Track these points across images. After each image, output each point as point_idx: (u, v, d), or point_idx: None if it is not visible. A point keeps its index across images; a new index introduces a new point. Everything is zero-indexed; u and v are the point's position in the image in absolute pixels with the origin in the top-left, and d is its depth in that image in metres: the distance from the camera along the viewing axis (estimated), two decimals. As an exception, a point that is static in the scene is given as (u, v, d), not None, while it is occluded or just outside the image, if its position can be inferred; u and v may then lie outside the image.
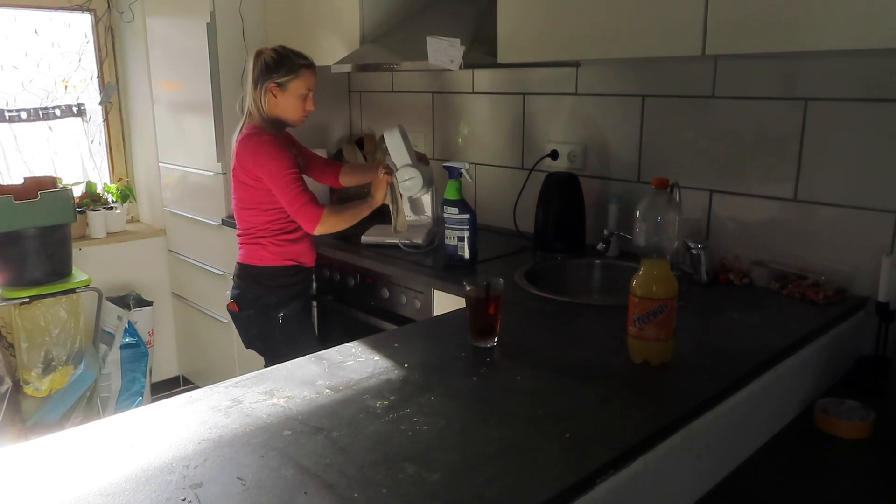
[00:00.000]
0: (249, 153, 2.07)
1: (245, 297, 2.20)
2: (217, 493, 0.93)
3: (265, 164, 2.06)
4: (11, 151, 3.28)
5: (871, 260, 1.70)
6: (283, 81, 2.10)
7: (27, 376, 2.76)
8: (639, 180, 2.19)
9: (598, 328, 1.56)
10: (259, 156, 2.06)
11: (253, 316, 2.20)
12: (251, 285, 2.19)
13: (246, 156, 2.08)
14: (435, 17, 2.40)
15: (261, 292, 2.18)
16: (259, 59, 2.12)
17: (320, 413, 1.15)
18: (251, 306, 2.20)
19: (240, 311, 2.21)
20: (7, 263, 2.70)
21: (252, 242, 2.17)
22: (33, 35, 3.28)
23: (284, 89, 2.11)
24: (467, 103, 2.72)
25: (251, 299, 2.19)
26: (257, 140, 2.08)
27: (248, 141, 2.09)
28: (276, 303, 2.19)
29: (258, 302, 2.19)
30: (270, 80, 2.10)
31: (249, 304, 2.20)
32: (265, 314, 2.19)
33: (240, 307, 2.21)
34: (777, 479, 1.29)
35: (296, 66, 2.12)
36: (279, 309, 2.19)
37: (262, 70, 2.10)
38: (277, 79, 2.10)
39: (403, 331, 1.63)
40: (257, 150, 2.06)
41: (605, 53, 1.76)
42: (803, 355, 1.49)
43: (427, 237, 2.31)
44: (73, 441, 1.09)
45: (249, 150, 2.07)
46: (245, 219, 2.18)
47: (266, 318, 2.19)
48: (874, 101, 1.67)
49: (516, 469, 0.98)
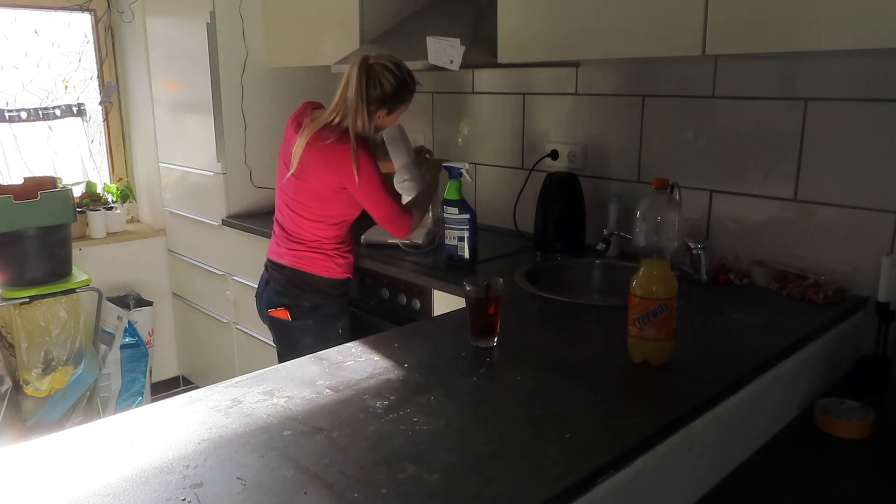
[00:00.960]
0: (333, 164, 1.95)
1: (301, 305, 2.09)
2: (217, 493, 0.93)
3: (354, 179, 1.93)
4: (11, 151, 3.28)
5: (871, 260, 1.70)
6: (392, 108, 1.99)
7: (27, 376, 2.76)
8: (639, 180, 2.19)
9: (598, 328, 1.56)
10: (347, 167, 1.93)
11: (311, 326, 2.10)
12: (311, 294, 2.08)
13: (329, 166, 1.96)
14: (435, 17, 2.40)
15: (321, 301, 2.09)
16: (372, 76, 1.93)
17: (320, 413, 1.15)
18: (309, 316, 2.09)
19: (294, 321, 2.10)
20: (7, 263, 2.70)
21: (317, 251, 2.07)
22: (33, 35, 3.28)
23: (391, 114, 2.01)
24: (467, 103, 2.72)
25: (308, 308, 2.09)
26: (344, 151, 1.94)
27: (332, 151, 1.95)
28: (336, 313, 2.12)
29: (317, 312, 2.09)
30: (384, 108, 1.97)
31: (306, 313, 2.09)
32: (325, 325, 2.10)
33: (294, 317, 2.09)
34: (777, 479, 1.29)
35: (410, 95, 2.00)
36: (339, 319, 2.13)
37: (379, 94, 1.94)
38: (391, 107, 1.98)
39: (403, 331, 1.63)
40: (344, 161, 1.93)
41: (605, 53, 1.76)
42: (803, 355, 1.49)
43: (427, 237, 2.31)
44: (73, 441, 1.09)
45: (334, 162, 1.95)
46: (308, 229, 2.07)
47: (326, 329, 2.10)
48: (874, 101, 1.67)
49: (516, 469, 0.98)
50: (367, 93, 1.93)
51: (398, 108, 2.01)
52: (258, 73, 2.94)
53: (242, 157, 2.96)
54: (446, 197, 2.11)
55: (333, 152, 1.95)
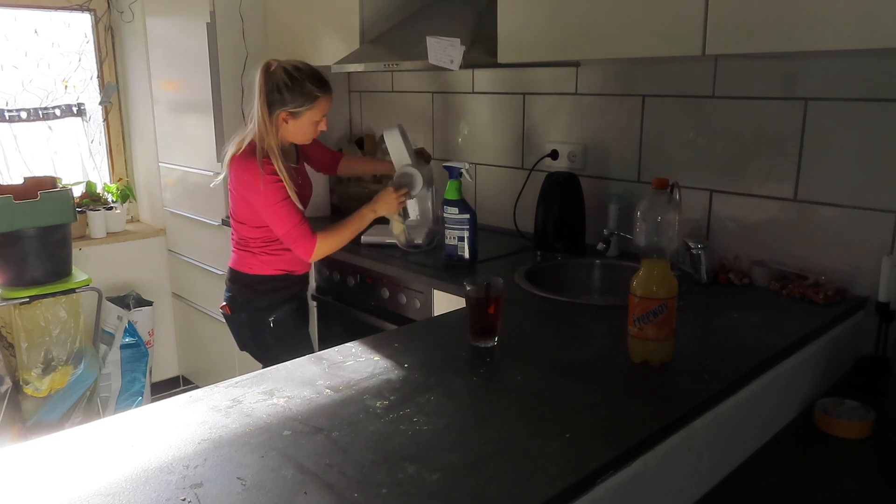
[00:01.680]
0: (243, 179, 1.98)
1: (236, 300, 2.18)
2: (217, 493, 0.93)
3: (256, 191, 1.97)
4: (11, 151, 3.28)
5: (871, 260, 1.70)
6: (297, 111, 1.97)
7: (27, 376, 2.76)
8: (639, 180, 2.19)
9: (598, 328, 1.56)
10: (252, 183, 1.96)
11: (245, 319, 2.19)
12: (241, 289, 2.17)
13: (240, 180, 2.00)
14: (435, 17, 2.40)
15: (251, 296, 2.16)
16: (270, 77, 1.96)
17: (320, 413, 1.15)
18: (243, 309, 2.18)
19: (232, 314, 2.20)
20: (7, 263, 2.70)
21: (243, 249, 2.14)
22: (33, 35, 3.28)
23: (298, 118, 1.98)
24: (467, 103, 2.72)
25: (242, 303, 2.18)
26: (251, 167, 1.96)
27: (242, 166, 1.98)
28: (266, 307, 2.17)
29: (249, 306, 2.17)
30: (283, 109, 1.96)
31: (241, 307, 2.18)
32: (256, 318, 2.17)
33: (232, 310, 2.20)
34: (777, 479, 1.29)
35: (312, 96, 1.97)
36: (270, 313, 2.17)
37: (275, 94, 1.95)
38: (291, 108, 1.96)
39: (403, 331, 1.63)
40: (251, 178, 1.96)
41: (605, 53, 1.76)
42: (803, 355, 1.49)
43: (427, 237, 2.31)
44: (73, 441, 1.09)
45: (243, 176, 1.98)
46: (237, 229, 2.14)
47: (258, 321, 2.17)
48: (874, 101, 1.67)
49: (516, 469, 0.98)
50: (264, 96, 1.96)
51: (301, 109, 1.97)
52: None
53: (242, 157, 2.96)
54: (446, 197, 2.11)
55: (241, 166, 1.98)
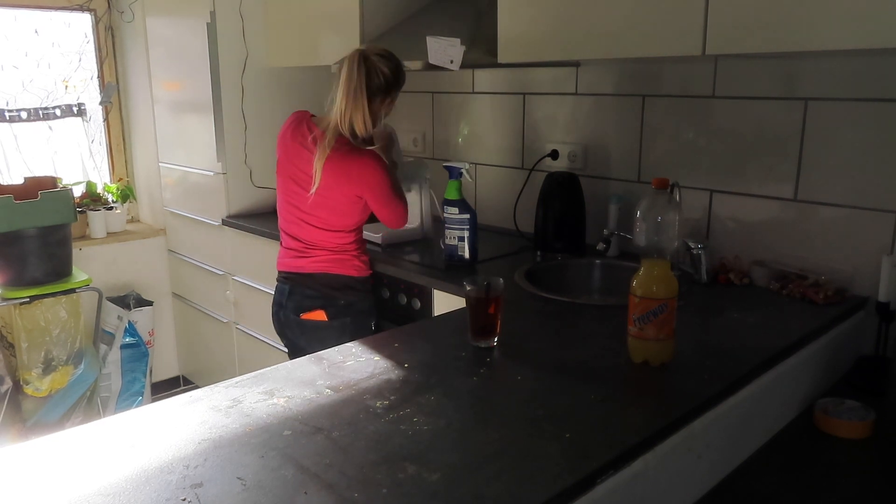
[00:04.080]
0: (352, 177, 1.96)
1: (336, 304, 2.09)
2: (217, 493, 0.93)
3: (371, 189, 1.97)
4: (11, 151, 3.28)
5: (871, 260, 1.70)
6: (395, 96, 1.99)
7: (27, 376, 2.76)
8: (639, 180, 2.19)
9: (598, 328, 1.56)
10: (364, 179, 1.96)
11: (349, 324, 2.10)
12: (345, 293, 2.09)
13: (347, 179, 1.96)
14: (435, 17, 2.40)
15: (355, 298, 2.10)
16: (371, 66, 1.93)
17: (320, 413, 1.15)
18: (346, 314, 2.10)
19: (331, 321, 2.10)
20: (7, 263, 2.70)
21: (342, 254, 2.08)
22: (33, 35, 3.28)
23: (393, 101, 2.01)
24: (467, 103, 2.72)
25: (344, 307, 2.09)
26: (360, 162, 1.96)
27: (348, 163, 1.95)
28: (368, 309, 2.15)
29: (353, 309, 2.10)
30: (388, 96, 1.98)
31: (343, 311, 2.09)
32: (360, 321, 2.12)
33: (330, 316, 2.09)
34: (777, 479, 1.29)
35: (404, 80, 2.01)
36: (372, 315, 2.16)
37: (382, 83, 1.94)
38: (393, 94, 1.99)
39: (403, 331, 1.63)
40: (362, 173, 1.96)
41: (605, 53, 1.76)
42: (803, 355, 1.49)
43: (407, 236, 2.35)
44: (73, 441, 1.09)
45: (352, 174, 1.96)
46: (329, 239, 2.07)
47: (361, 325, 2.12)
48: (874, 101, 1.67)
49: (516, 469, 0.98)
50: (368, 84, 1.93)
51: (397, 94, 2.03)
52: (258, 73, 2.94)
53: (243, 157, 2.96)
54: (446, 197, 2.11)
55: (354, 165, 1.96)
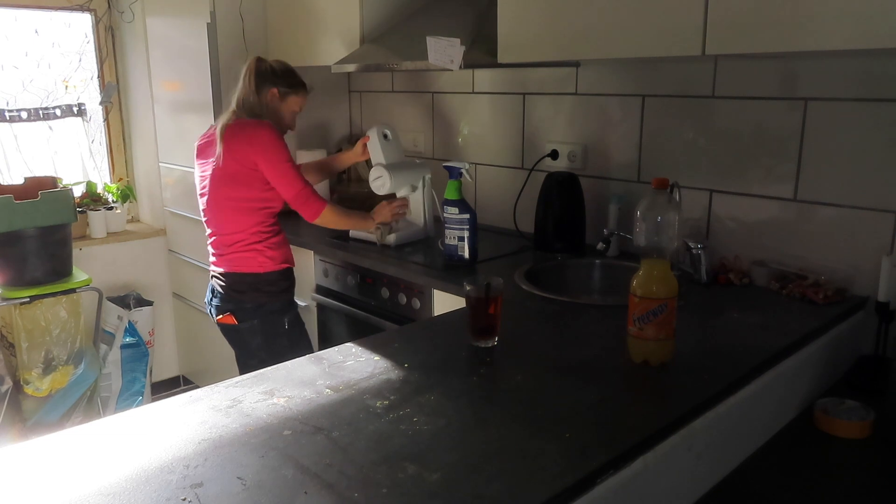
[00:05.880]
0: (245, 140, 2.04)
1: (244, 307, 2.13)
2: (217, 493, 0.93)
3: (265, 152, 2.02)
4: (12, 151, 3.28)
5: (871, 260, 1.70)
6: (284, 92, 2.16)
7: (27, 376, 2.76)
8: (639, 180, 2.19)
9: (598, 328, 1.56)
10: (257, 142, 2.03)
11: (257, 326, 2.13)
12: (251, 294, 2.12)
13: (241, 143, 2.04)
14: (435, 17, 2.40)
15: (263, 300, 2.12)
16: (262, 63, 2.15)
17: (320, 413, 1.15)
18: (254, 316, 2.13)
19: (240, 324, 2.14)
20: (7, 263, 2.70)
21: (247, 250, 2.11)
22: (34, 35, 3.28)
23: (283, 100, 2.17)
24: (467, 103, 2.72)
25: (252, 309, 2.13)
26: (255, 126, 2.05)
27: (243, 128, 2.06)
28: (279, 308, 2.15)
29: (261, 311, 2.13)
30: (275, 86, 2.14)
31: (251, 314, 2.13)
32: (270, 322, 2.14)
33: (240, 319, 2.13)
34: (777, 479, 1.29)
35: (298, 84, 2.19)
36: (284, 314, 2.16)
37: (268, 74, 2.14)
38: (281, 87, 2.15)
39: (403, 331, 1.63)
40: (255, 136, 2.04)
41: (605, 53, 1.76)
42: (803, 355, 1.49)
43: (399, 239, 2.35)
44: (73, 441, 1.09)
45: (245, 137, 2.04)
46: (231, 221, 2.10)
47: (271, 326, 2.14)
48: (874, 101, 1.67)
49: (516, 469, 0.98)
50: (255, 76, 2.11)
51: (287, 92, 2.16)
52: (258, 73, 2.94)
53: (242, 157, 2.96)
54: (446, 197, 2.11)
55: (247, 127, 2.06)
